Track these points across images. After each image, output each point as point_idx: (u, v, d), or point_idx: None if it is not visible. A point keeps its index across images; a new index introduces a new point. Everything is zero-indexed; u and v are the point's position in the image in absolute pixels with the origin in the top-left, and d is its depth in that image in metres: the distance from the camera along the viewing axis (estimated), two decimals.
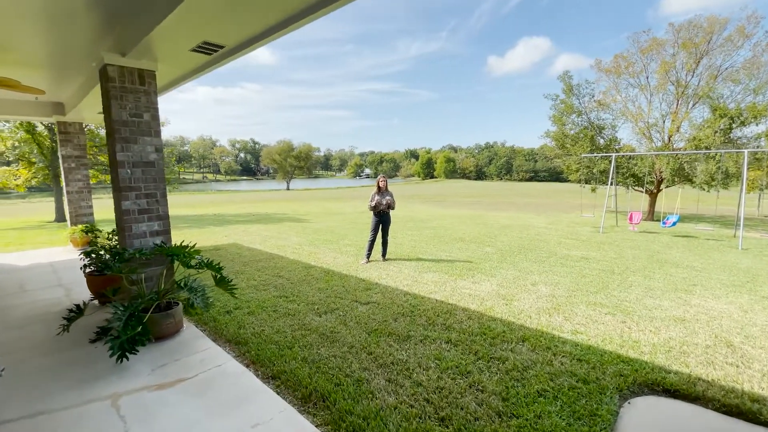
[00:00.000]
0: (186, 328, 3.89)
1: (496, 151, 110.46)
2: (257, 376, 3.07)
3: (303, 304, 4.66)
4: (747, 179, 11.00)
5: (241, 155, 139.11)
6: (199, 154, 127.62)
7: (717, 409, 2.66)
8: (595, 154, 15.07)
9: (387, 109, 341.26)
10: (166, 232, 4.21)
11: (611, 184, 13.11)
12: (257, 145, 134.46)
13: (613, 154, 12.88)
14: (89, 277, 4.45)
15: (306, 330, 3.91)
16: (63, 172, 7.96)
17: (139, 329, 3.17)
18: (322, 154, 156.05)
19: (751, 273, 6.46)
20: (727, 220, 15.73)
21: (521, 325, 3.99)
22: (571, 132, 17.85)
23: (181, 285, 3.52)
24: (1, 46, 3.91)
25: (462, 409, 2.59)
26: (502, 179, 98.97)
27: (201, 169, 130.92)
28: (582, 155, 15.70)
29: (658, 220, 15.44)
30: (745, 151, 10.02)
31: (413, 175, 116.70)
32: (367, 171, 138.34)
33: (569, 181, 21.13)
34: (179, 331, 3.77)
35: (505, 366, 3.15)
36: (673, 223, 11.67)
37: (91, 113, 7.12)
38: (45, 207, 24.97)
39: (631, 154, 15.61)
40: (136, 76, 3.91)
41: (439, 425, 2.44)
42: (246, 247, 8.46)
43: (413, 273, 6.16)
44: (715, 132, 13.94)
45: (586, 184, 19.26)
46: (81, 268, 4.45)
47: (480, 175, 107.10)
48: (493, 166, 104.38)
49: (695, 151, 13.10)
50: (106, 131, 4.05)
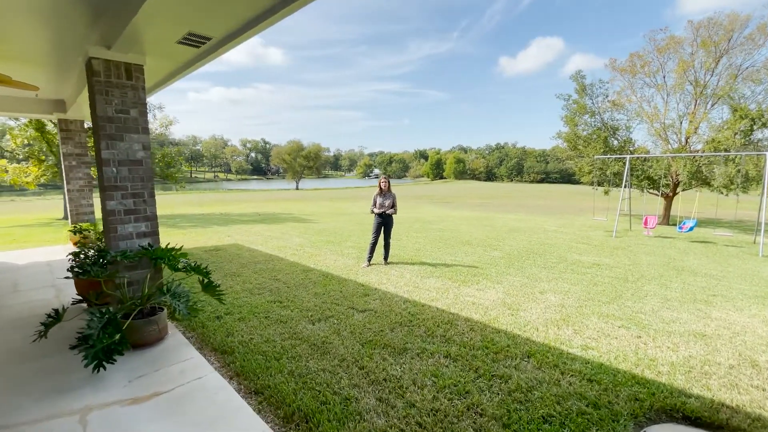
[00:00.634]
0: (171, 335, 3.70)
1: (506, 152, 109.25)
2: (239, 391, 2.86)
3: (297, 311, 4.45)
4: None
5: (252, 155, 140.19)
6: (211, 153, 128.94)
7: None
8: (608, 156, 14.60)
9: (397, 109, 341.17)
10: (154, 234, 4.04)
11: (625, 187, 12.66)
12: (268, 145, 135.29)
13: (628, 156, 12.44)
14: (75, 279, 4.30)
15: (297, 339, 3.69)
16: (64, 170, 7.89)
17: (117, 337, 2.99)
18: (332, 154, 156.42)
19: None
20: (747, 225, 15.12)
21: (527, 339, 3.71)
22: (584, 133, 17.37)
23: (163, 290, 3.33)
24: None
25: None
26: (512, 180, 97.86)
27: (212, 168, 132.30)
28: (595, 157, 15.23)
29: (674, 225, 14.90)
30: (767, 153, 9.53)
31: (422, 176, 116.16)
32: (377, 171, 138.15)
33: (581, 183, 20.60)
34: (163, 339, 3.58)
35: (508, 386, 2.88)
36: (690, 228, 11.20)
37: (79, 110, 7.02)
38: (57, 204, 25.33)
39: (647, 155, 15.10)
40: (122, 70, 3.73)
41: None
42: (246, 248, 8.30)
43: (415, 278, 5.90)
44: (735, 134, 13.37)
45: (599, 186, 18.75)
46: (68, 269, 4.30)
47: (490, 176, 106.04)
48: (504, 167, 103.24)
49: (714, 153, 12.58)
50: (92, 128, 3.89)
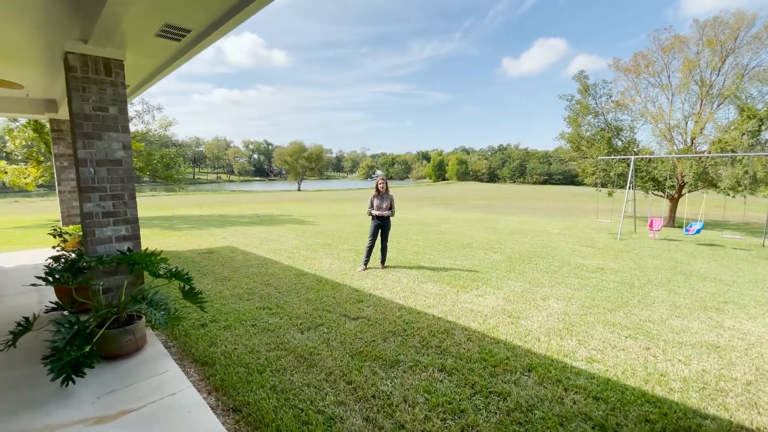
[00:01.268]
0: (150, 344, 3.49)
1: (509, 154, 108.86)
2: (216, 408, 2.65)
3: (286, 318, 4.24)
4: None
5: (255, 156, 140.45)
6: (214, 155, 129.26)
7: None
8: (612, 157, 14.33)
9: (400, 110, 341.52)
10: (135, 238, 3.84)
11: (630, 188, 12.39)
12: (270, 146, 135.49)
13: (632, 157, 12.18)
14: (56, 285, 4.10)
15: (283, 350, 3.48)
16: (56, 171, 7.73)
17: (87, 349, 2.79)
18: (334, 155, 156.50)
19: None
20: (754, 227, 14.83)
21: (528, 350, 3.48)
22: (587, 134, 17.11)
23: (138, 298, 3.13)
24: None
25: None
26: (515, 182, 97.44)
27: (215, 169, 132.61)
28: (598, 158, 14.96)
29: (680, 227, 14.61)
30: None
31: (425, 177, 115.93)
32: (379, 172, 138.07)
33: (584, 184, 20.32)
34: (141, 349, 3.38)
35: (507, 404, 2.65)
36: (697, 231, 10.92)
37: None
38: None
39: (651, 156, 14.82)
40: (101, 65, 3.54)
41: None
42: (241, 251, 8.10)
43: (412, 283, 5.68)
44: (743, 134, 13.09)
45: (603, 187, 18.46)
46: (41, 276, 4.11)
47: (492, 177, 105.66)
48: (506, 168, 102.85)
49: (721, 154, 12.30)
50: (70, 126, 3.71)
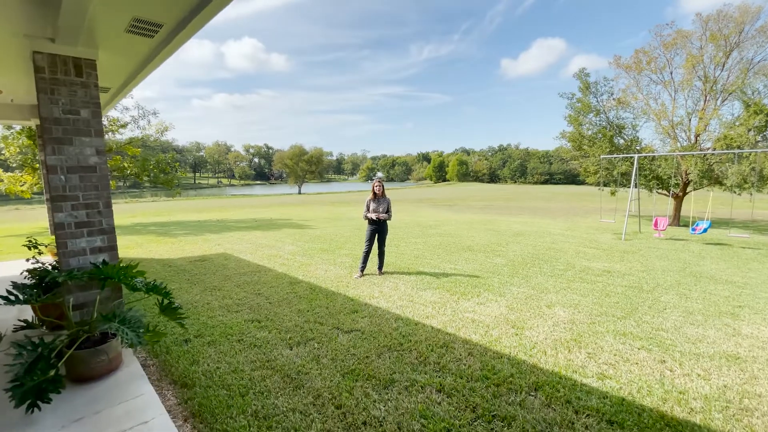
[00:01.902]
0: (126, 364, 3.25)
1: (509, 154, 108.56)
2: None
3: (275, 332, 3.99)
4: None
5: (255, 160, 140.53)
6: (214, 159, 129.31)
7: None
8: (615, 155, 14.06)
9: (400, 112, 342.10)
10: (111, 249, 3.60)
11: (633, 187, 12.11)
12: (271, 150, 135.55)
13: (635, 155, 11.91)
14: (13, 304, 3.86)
15: (269, 369, 3.22)
16: (43, 179, 7.52)
17: (51, 374, 2.55)
18: (335, 158, 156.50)
19: None
20: (762, 225, 14.53)
21: (534, 366, 3.22)
22: (589, 132, 16.84)
23: (109, 316, 2.88)
24: None
25: None
26: (516, 182, 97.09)
27: (216, 174, 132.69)
28: (601, 156, 14.69)
29: (685, 226, 14.32)
30: None
31: (425, 179, 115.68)
32: (379, 174, 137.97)
33: (586, 183, 20.05)
34: (116, 370, 3.13)
35: (512, 431, 2.39)
36: (704, 230, 10.63)
37: None
38: None
39: (655, 154, 14.53)
40: (71, 65, 3.31)
41: None
42: (234, 258, 7.86)
43: (410, 290, 5.42)
44: (749, 130, 12.80)
45: (605, 186, 18.18)
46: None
47: (493, 177, 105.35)
48: (507, 168, 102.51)
49: (726, 151, 12.01)
50: (40, 131, 3.48)
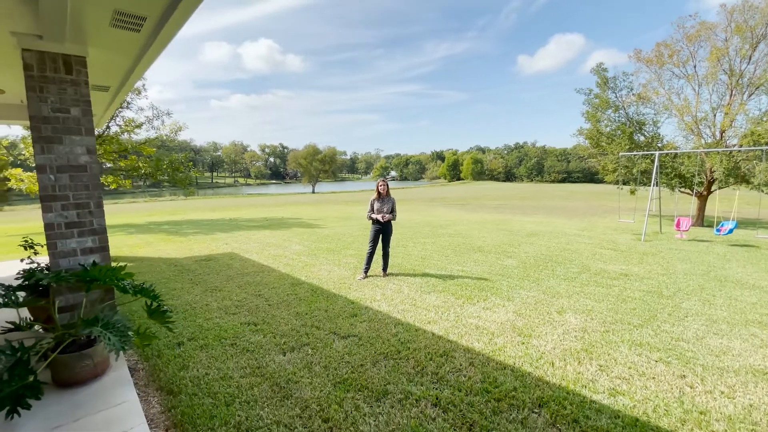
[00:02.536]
0: (114, 369, 3.16)
1: (526, 152, 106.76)
2: None
3: (270, 336, 3.86)
4: None
5: (271, 159, 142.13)
6: (231, 159, 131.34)
7: None
8: (634, 153, 13.52)
9: (415, 111, 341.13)
10: (103, 250, 3.52)
11: (654, 186, 11.60)
12: (285, 150, 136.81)
13: (656, 152, 11.39)
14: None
15: (259, 376, 3.09)
16: None
17: (30, 380, 2.47)
18: (349, 157, 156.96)
19: None
20: None
21: (539, 379, 2.99)
22: (607, 129, 16.28)
23: (91, 320, 2.79)
24: None
25: None
26: (532, 180, 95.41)
27: (233, 173, 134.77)
28: (620, 154, 14.15)
29: (709, 226, 13.68)
30: None
31: (439, 178, 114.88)
32: (393, 173, 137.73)
33: (605, 182, 19.43)
34: (102, 375, 3.04)
35: None
36: (730, 231, 10.09)
37: None
38: None
39: (677, 151, 13.93)
40: (60, 63, 3.24)
41: None
42: (240, 257, 7.80)
43: (414, 293, 5.23)
44: None
45: (624, 185, 17.56)
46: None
47: (509, 176, 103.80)
48: (523, 167, 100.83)
49: (753, 148, 11.37)
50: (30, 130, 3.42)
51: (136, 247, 9.40)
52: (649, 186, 12.61)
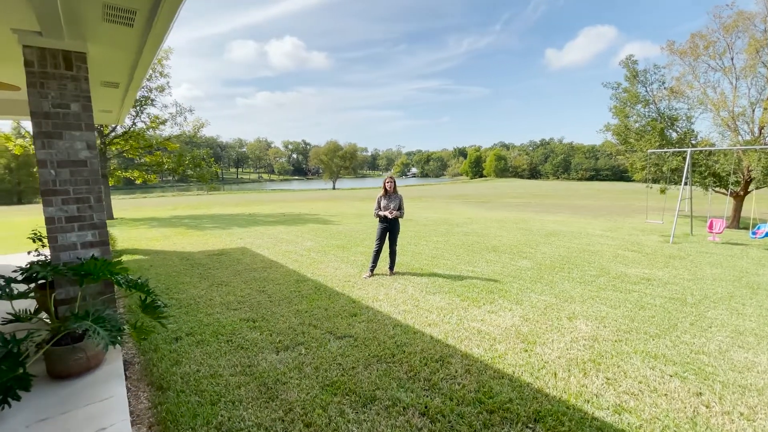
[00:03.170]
0: (109, 362, 3.18)
1: (552, 148, 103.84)
2: None
3: (266, 333, 3.82)
4: None
5: (294, 156, 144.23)
6: (255, 155, 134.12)
7: None
8: (665, 150, 12.81)
9: (437, 107, 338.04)
10: (103, 244, 3.56)
11: (686, 185, 10.95)
12: (308, 146, 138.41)
13: (689, 149, 10.73)
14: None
15: (248, 375, 3.04)
16: None
17: (20, 372, 2.50)
18: (370, 153, 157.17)
19: None
20: None
21: (539, 390, 2.81)
22: (636, 125, 15.50)
23: (80, 314, 2.81)
24: None
25: None
26: (558, 178, 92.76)
27: (257, 169, 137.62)
28: (649, 151, 13.44)
29: (746, 228, 12.83)
30: None
31: (461, 174, 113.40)
32: (414, 170, 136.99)
33: (635, 180, 18.57)
34: (94, 368, 3.06)
35: None
36: (767, 234, 9.39)
37: None
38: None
39: (712, 149, 13.10)
40: (60, 59, 3.28)
41: None
42: (251, 252, 7.86)
43: (418, 293, 5.09)
44: None
45: (654, 184, 16.69)
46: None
47: (534, 173, 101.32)
48: (549, 164, 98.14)
49: None
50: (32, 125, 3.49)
51: (154, 240, 9.65)
52: (680, 185, 11.92)
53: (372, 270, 5.97)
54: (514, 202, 25.94)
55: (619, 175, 74.75)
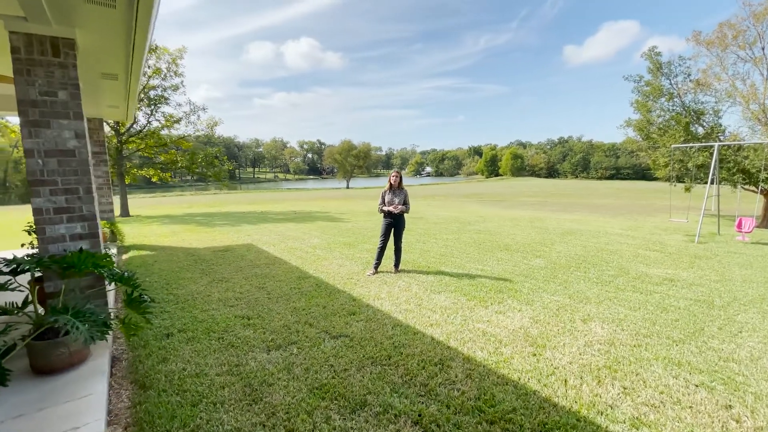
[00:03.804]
0: (95, 358, 3.06)
1: (570, 147, 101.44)
2: None
3: (260, 331, 3.66)
4: None
5: (309, 155, 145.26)
6: (272, 155, 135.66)
7: None
8: (690, 145, 12.19)
9: (452, 105, 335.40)
10: (93, 236, 3.46)
11: (712, 182, 10.35)
12: (323, 146, 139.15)
13: (716, 144, 10.13)
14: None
15: (234, 375, 2.88)
16: None
17: None
18: (384, 153, 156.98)
19: None
20: None
21: (546, 399, 2.55)
22: (659, 120, 14.84)
23: (59, 308, 2.69)
24: None
25: None
26: (577, 177, 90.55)
27: (273, 168, 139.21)
28: (672, 146, 12.82)
29: None
30: None
31: (476, 173, 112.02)
32: (428, 169, 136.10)
33: (657, 179, 17.81)
34: (78, 364, 2.95)
35: None
36: None
37: (97, 108, 6.86)
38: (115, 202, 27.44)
39: (742, 143, 12.40)
40: (48, 45, 3.18)
41: None
42: (256, 249, 7.76)
43: (422, 292, 4.86)
44: None
45: (679, 182, 15.95)
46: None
47: (552, 172, 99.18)
48: (568, 162, 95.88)
49: None
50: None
51: (163, 236, 9.69)
52: (706, 182, 11.30)
53: (376, 267, 5.77)
54: (530, 201, 25.33)
55: (641, 173, 72.46)
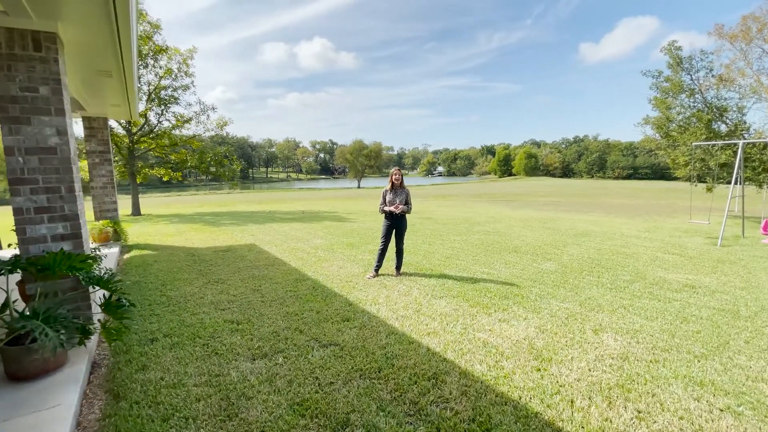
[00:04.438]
0: (72, 364, 2.91)
1: (586, 146, 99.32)
2: None
3: (247, 338, 3.48)
4: None
5: (321, 155, 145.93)
6: (284, 155, 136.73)
7: None
8: (712, 142, 11.63)
9: (465, 104, 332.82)
10: (75, 237, 3.33)
11: (736, 182, 9.82)
12: (335, 146, 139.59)
13: (741, 141, 9.61)
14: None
15: (213, 386, 2.70)
16: (88, 168, 7.93)
17: None
18: (396, 152, 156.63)
19: None
20: None
21: (549, 423, 2.29)
22: (679, 117, 14.24)
23: (25, 315, 2.55)
24: None
25: None
26: (593, 177, 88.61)
27: (286, 168, 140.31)
28: (693, 144, 12.26)
29: None
30: None
31: (489, 173, 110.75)
32: (440, 169, 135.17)
33: (676, 178, 17.15)
34: (55, 370, 2.81)
35: None
36: None
37: (100, 107, 6.82)
38: (125, 203, 27.85)
39: (767, 140, 11.78)
40: (28, 39, 3.07)
41: None
42: (258, 249, 7.63)
43: (423, 297, 4.62)
44: None
45: (700, 182, 15.30)
46: None
47: (567, 172, 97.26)
48: (583, 162, 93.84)
49: None
50: None
51: (168, 235, 9.66)
52: (729, 182, 10.75)
53: (376, 270, 5.55)
54: (543, 201, 24.75)
55: (660, 173, 70.45)
